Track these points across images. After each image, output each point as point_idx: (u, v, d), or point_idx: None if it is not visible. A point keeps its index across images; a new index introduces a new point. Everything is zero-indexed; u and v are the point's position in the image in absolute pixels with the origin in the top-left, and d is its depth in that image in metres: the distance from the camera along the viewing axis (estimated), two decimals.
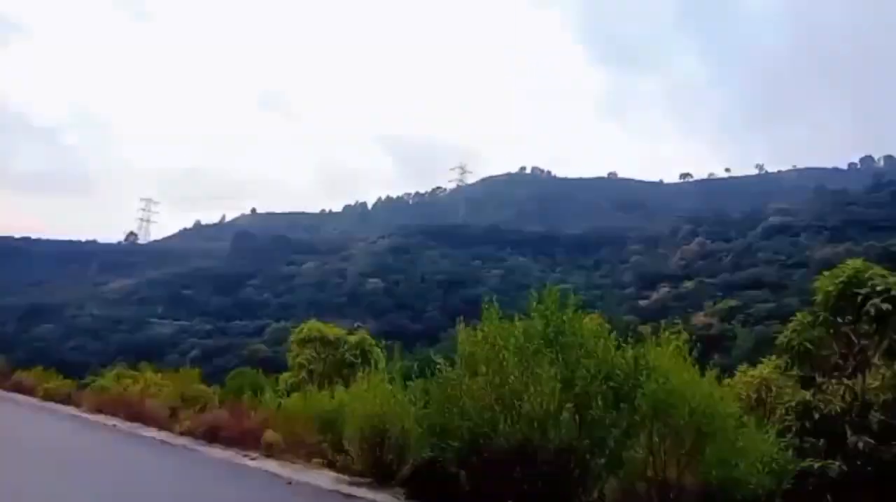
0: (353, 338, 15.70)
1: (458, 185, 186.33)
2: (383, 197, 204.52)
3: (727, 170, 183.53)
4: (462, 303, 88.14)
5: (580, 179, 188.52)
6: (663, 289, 63.17)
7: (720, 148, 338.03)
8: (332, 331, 15.95)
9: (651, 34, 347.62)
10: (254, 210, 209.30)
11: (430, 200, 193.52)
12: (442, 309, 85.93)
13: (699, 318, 46.28)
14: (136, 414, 14.22)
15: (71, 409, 17.60)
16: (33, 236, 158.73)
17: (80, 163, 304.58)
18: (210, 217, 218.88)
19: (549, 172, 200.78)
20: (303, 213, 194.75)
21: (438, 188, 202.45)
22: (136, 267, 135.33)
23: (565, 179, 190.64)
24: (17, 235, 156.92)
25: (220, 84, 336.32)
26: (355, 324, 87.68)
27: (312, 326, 15.84)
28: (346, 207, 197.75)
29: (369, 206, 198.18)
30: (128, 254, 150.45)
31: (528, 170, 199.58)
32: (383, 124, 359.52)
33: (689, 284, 61.87)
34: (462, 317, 7.98)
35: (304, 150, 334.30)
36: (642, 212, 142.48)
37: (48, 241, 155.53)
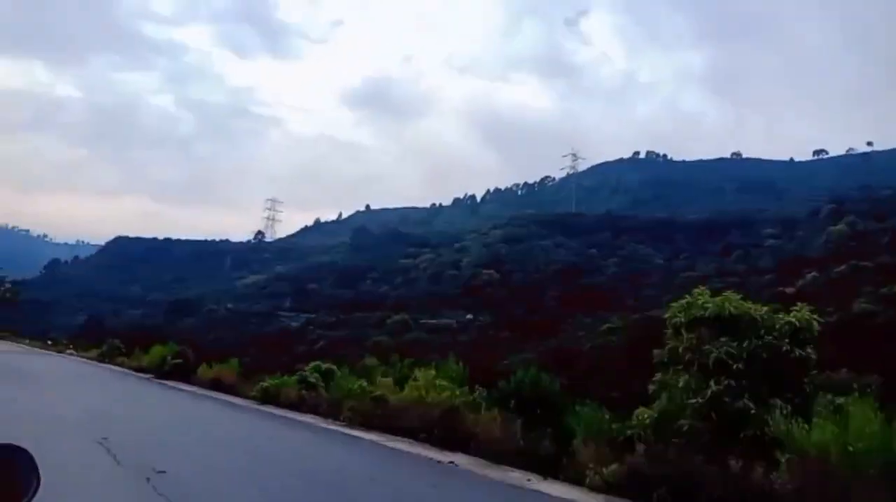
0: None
1: (567, 174, 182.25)
2: (492, 188, 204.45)
3: (869, 143, 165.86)
4: (581, 293, 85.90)
5: (700, 162, 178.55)
6: (810, 275, 57.81)
7: (856, 121, 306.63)
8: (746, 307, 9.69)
9: (767, 3, 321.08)
10: (368, 206, 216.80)
11: (539, 190, 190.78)
12: (560, 299, 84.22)
13: (860, 305, 41.75)
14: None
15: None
16: (174, 237, 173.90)
17: (211, 170, 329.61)
18: (328, 214, 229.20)
19: (665, 156, 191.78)
20: (413, 208, 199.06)
21: (547, 177, 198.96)
22: (265, 263, 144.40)
23: (684, 162, 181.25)
24: (160, 237, 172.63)
25: (330, 86, 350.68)
26: (467, 316, 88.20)
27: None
28: (456, 200, 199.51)
29: (478, 199, 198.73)
30: (256, 251, 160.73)
31: (643, 155, 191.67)
32: (488, 116, 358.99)
33: (841, 268, 56.15)
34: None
35: (413, 147, 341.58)
36: (772, 192, 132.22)
37: (187, 241, 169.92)
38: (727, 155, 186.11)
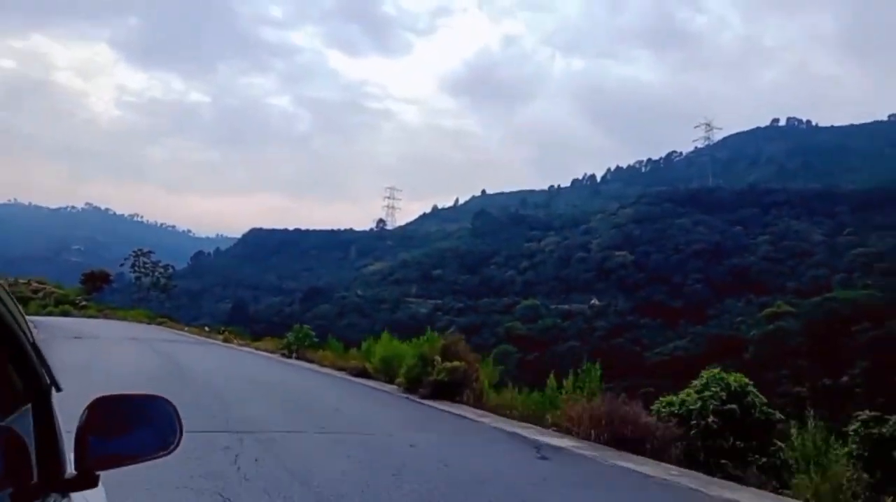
0: None
1: (696, 147, 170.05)
2: (612, 167, 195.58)
3: None
4: (728, 276, 78.83)
5: (852, 126, 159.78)
6: None
7: None
8: None
9: None
10: (484, 191, 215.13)
11: (666, 166, 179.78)
12: (705, 282, 77.76)
13: None
14: None
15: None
16: (303, 228, 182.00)
17: (330, 164, 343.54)
18: (444, 201, 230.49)
19: (809, 122, 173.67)
20: (531, 191, 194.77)
21: (673, 152, 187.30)
22: (387, 250, 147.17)
23: (832, 128, 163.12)
24: (290, 228, 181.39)
25: (437, 74, 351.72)
26: (591, 301, 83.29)
27: None
28: (575, 181, 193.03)
29: (598, 179, 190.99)
30: (379, 239, 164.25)
31: (783, 122, 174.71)
32: (598, 94, 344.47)
33: None
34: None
35: (522, 130, 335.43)
36: None
37: (314, 232, 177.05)
38: (883, 117, 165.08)
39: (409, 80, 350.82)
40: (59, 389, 1.60)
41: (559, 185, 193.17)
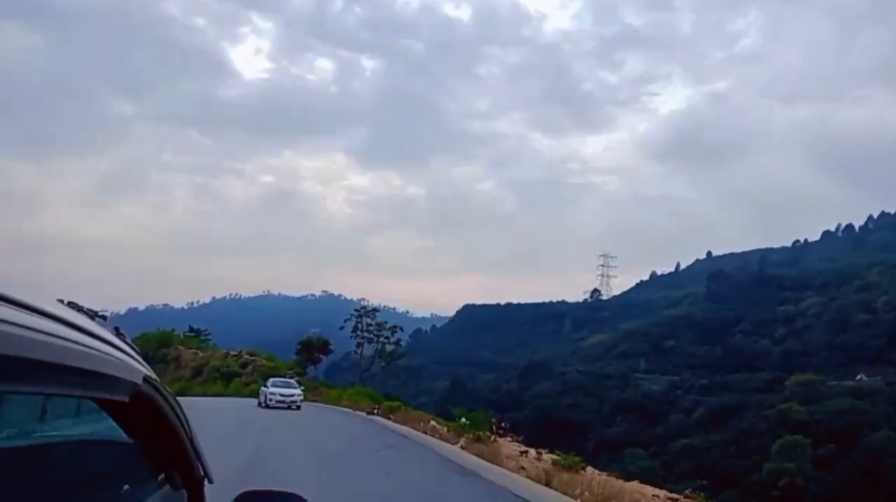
0: None
1: None
2: (874, 214, 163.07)
3: None
4: None
5: None
6: None
7: None
8: None
9: None
10: (709, 254, 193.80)
11: None
12: None
13: None
14: None
15: None
16: (514, 302, 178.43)
17: (535, 240, 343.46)
18: (661, 267, 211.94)
19: None
20: (769, 249, 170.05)
21: None
22: (604, 321, 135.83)
23: None
24: (502, 302, 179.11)
25: (638, 142, 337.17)
26: (870, 377, 62.69)
27: None
28: (826, 233, 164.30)
29: (856, 228, 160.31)
30: (594, 309, 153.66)
31: None
32: (826, 141, 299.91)
33: None
34: None
35: (738, 188, 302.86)
36: None
37: (525, 306, 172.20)
38: None
39: (611, 151, 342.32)
40: (211, 481, 1.72)
41: (806, 240, 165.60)
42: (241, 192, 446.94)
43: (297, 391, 27.38)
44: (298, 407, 26.12)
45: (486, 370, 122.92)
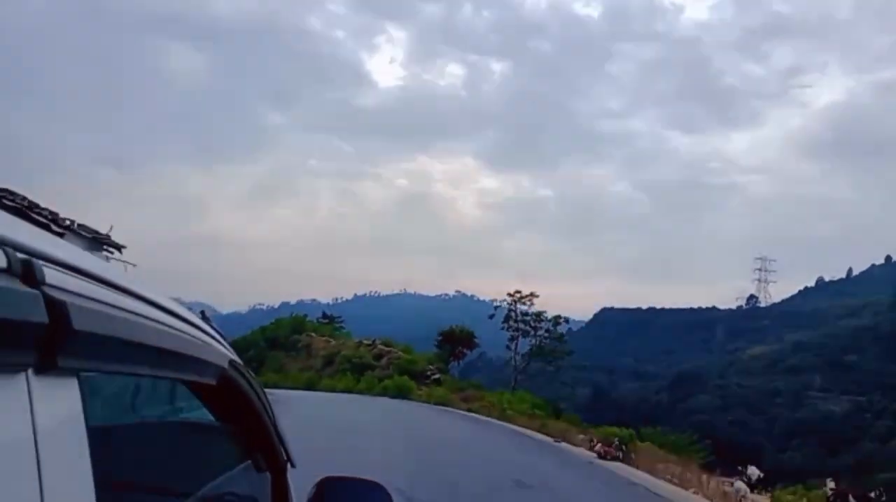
0: None
1: None
2: None
3: None
4: None
5: None
6: None
7: None
8: None
9: None
10: (888, 258, 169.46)
11: None
12: None
13: None
14: None
15: None
16: (656, 306, 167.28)
17: (675, 242, 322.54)
18: (826, 272, 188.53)
19: None
20: None
21: None
22: (763, 331, 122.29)
23: None
24: (643, 307, 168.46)
25: (789, 137, 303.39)
26: None
27: None
28: None
29: None
30: (751, 318, 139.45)
31: None
32: None
33: None
34: None
35: None
36: None
37: (670, 310, 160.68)
38: None
39: (757, 149, 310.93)
40: (293, 466, 1.78)
41: None
42: (379, 195, 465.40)
43: None
44: None
45: (629, 378, 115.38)
